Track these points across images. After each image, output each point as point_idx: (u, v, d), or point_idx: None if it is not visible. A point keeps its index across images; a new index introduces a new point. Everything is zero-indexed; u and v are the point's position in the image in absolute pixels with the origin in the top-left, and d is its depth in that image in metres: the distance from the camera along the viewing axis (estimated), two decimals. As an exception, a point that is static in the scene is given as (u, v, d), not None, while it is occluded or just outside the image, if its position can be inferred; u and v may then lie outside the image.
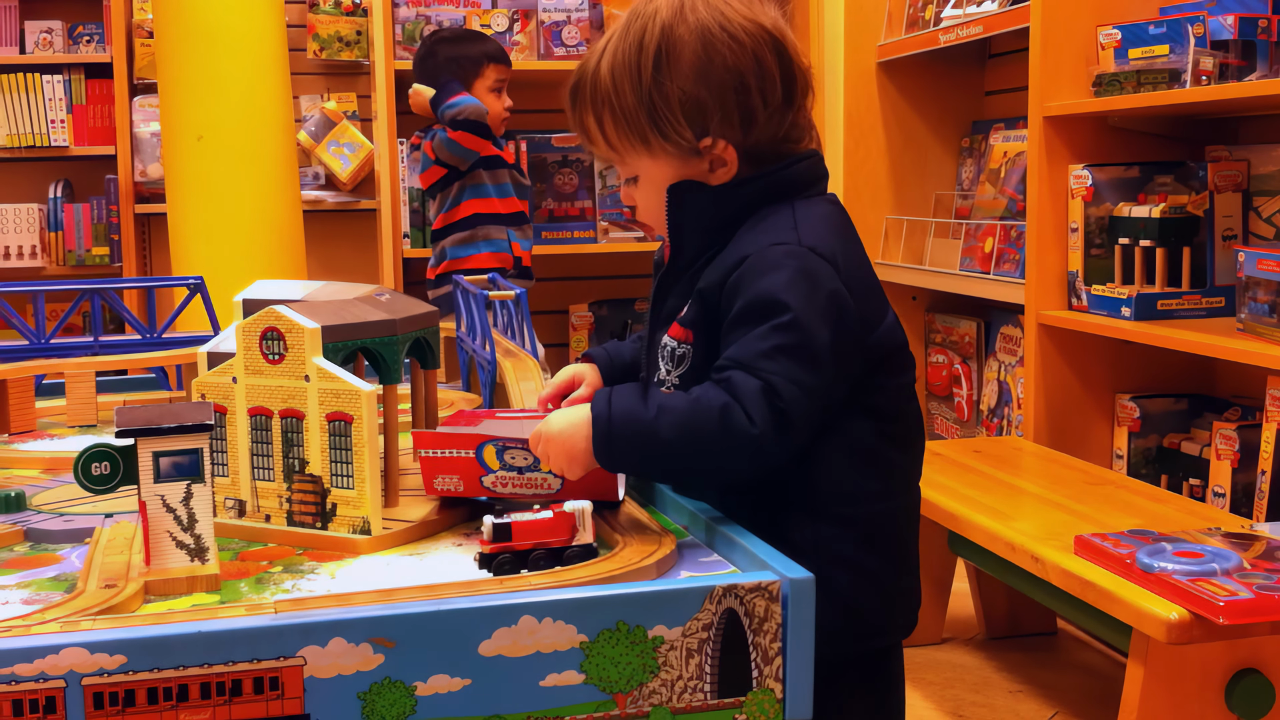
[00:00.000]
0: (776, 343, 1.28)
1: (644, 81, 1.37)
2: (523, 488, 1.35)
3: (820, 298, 1.30)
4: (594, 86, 1.41)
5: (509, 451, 1.34)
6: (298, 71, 4.41)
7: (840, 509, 1.37)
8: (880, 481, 1.39)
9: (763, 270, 1.31)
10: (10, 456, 1.70)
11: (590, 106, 1.42)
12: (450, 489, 1.36)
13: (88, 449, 1.20)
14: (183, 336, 2.23)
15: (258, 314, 1.31)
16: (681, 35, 1.37)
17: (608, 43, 1.42)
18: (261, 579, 1.20)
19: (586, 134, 1.45)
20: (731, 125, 1.37)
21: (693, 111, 1.37)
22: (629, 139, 1.40)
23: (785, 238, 1.33)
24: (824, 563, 1.30)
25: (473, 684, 1.02)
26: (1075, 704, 2.65)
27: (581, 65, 1.44)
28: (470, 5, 4.13)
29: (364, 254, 4.78)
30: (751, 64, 1.37)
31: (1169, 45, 2.66)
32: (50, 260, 4.87)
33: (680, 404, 1.27)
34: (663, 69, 1.36)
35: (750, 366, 1.27)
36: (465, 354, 2.05)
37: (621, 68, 1.38)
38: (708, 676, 1.08)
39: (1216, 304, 2.72)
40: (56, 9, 4.85)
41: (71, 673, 0.95)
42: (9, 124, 4.76)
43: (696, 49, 1.36)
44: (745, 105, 1.37)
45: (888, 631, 1.44)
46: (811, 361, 1.28)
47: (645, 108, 1.37)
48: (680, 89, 1.36)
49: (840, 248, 1.36)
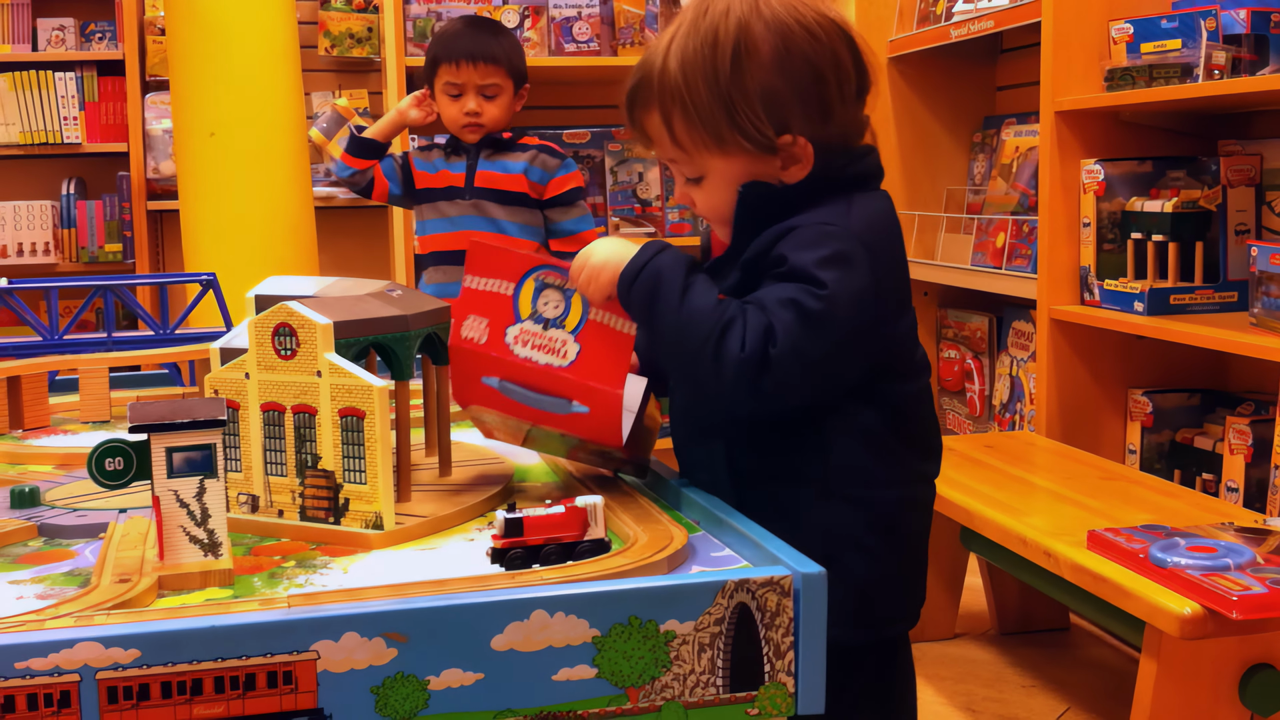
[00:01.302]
0: (797, 298, 1.30)
1: (721, 78, 1.35)
2: (541, 350, 1.38)
3: (852, 283, 1.31)
4: (661, 84, 1.38)
5: (547, 291, 1.38)
6: (309, 68, 4.41)
7: (851, 490, 1.38)
8: (891, 470, 1.41)
9: (807, 243, 1.33)
10: (24, 452, 1.71)
11: (657, 105, 1.39)
12: (474, 337, 1.39)
13: (101, 444, 1.20)
14: (195, 332, 2.24)
15: (270, 310, 1.31)
16: (758, 31, 1.35)
17: (672, 40, 1.38)
18: (274, 574, 1.20)
19: (647, 134, 1.42)
20: (811, 120, 1.37)
21: (773, 107, 1.35)
22: (701, 137, 1.37)
23: (836, 220, 1.35)
24: (834, 545, 1.34)
25: (485, 678, 1.03)
26: (1088, 699, 2.65)
27: (643, 64, 1.41)
28: (481, 1, 4.13)
29: (376, 250, 4.79)
30: (829, 58, 1.36)
31: (1181, 40, 2.65)
32: (63, 257, 4.88)
33: (704, 299, 1.31)
34: (742, 64, 1.35)
35: (766, 307, 1.30)
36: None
37: (694, 64, 1.36)
38: (720, 671, 1.08)
39: (1229, 299, 2.72)
40: (69, 6, 4.85)
41: (85, 667, 0.96)
42: (22, 121, 4.77)
43: (776, 44, 1.35)
44: (824, 99, 1.37)
45: (898, 619, 1.45)
46: (820, 334, 1.29)
47: (723, 104, 1.35)
48: (761, 84, 1.35)
49: (884, 244, 1.37)
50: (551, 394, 1.38)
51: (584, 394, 1.37)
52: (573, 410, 1.38)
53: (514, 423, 1.42)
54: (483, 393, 1.40)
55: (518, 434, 1.46)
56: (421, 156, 3.05)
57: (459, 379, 1.42)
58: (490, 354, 1.40)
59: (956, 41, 3.48)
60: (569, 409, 1.38)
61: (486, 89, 2.92)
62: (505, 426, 1.45)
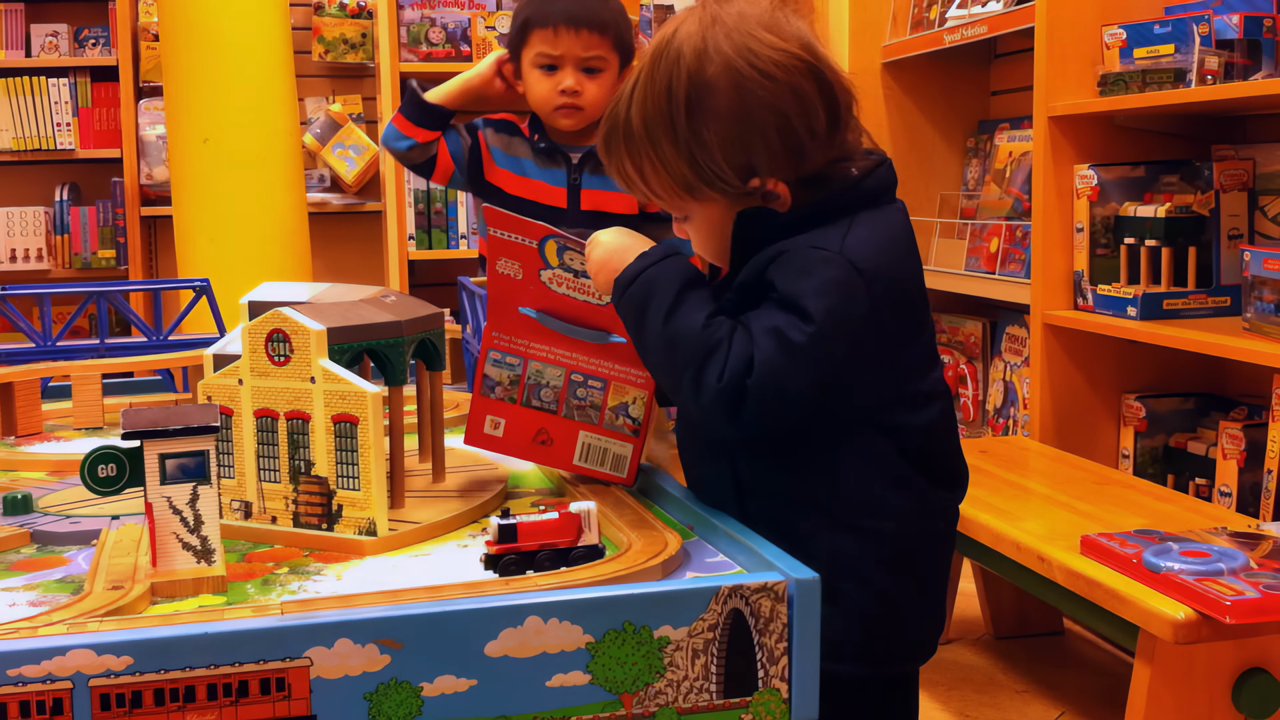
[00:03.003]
0: (781, 328, 1.25)
1: (679, 133, 1.30)
2: (576, 291, 1.43)
3: (844, 311, 1.26)
4: (627, 137, 1.34)
5: (569, 253, 1.42)
6: (303, 74, 4.41)
7: (861, 521, 1.33)
8: (905, 500, 1.35)
9: (795, 270, 1.28)
10: (17, 459, 1.70)
11: (628, 157, 1.36)
12: (510, 274, 1.43)
13: (94, 451, 1.20)
14: (189, 339, 2.24)
15: (264, 316, 1.31)
16: (711, 78, 1.29)
17: (634, 87, 1.34)
18: (268, 580, 1.20)
19: (627, 180, 1.39)
20: (779, 163, 1.31)
21: (735, 156, 1.30)
22: (672, 188, 1.34)
23: (828, 244, 1.29)
24: (838, 576, 1.30)
25: (479, 685, 1.03)
26: (1082, 704, 2.65)
27: (611, 114, 1.37)
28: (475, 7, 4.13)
29: (370, 256, 4.79)
30: (790, 99, 1.29)
31: (1174, 45, 2.66)
32: (56, 263, 4.88)
33: (691, 319, 1.29)
34: (697, 117, 1.29)
35: (752, 335, 1.27)
36: (471, 355, 2.05)
37: (654, 119, 1.32)
38: (714, 677, 1.08)
39: (1222, 303, 2.72)
40: (62, 12, 4.85)
41: (78, 674, 0.95)
42: (15, 127, 4.77)
43: (729, 92, 1.29)
44: (790, 142, 1.30)
45: (900, 657, 1.40)
46: (803, 366, 1.25)
47: (685, 158, 1.31)
48: (718, 135, 1.29)
49: (885, 261, 1.31)
50: (590, 325, 1.44)
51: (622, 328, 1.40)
52: (611, 340, 1.44)
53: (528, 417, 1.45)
54: (519, 323, 1.44)
55: (526, 436, 1.46)
56: (500, 144, 2.36)
57: (496, 310, 1.45)
58: (528, 286, 1.44)
59: (950, 46, 3.49)
60: (607, 339, 1.44)
61: (589, 62, 2.26)
62: (516, 428, 1.46)
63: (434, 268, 4.31)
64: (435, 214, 4.02)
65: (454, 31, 4.02)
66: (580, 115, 2.27)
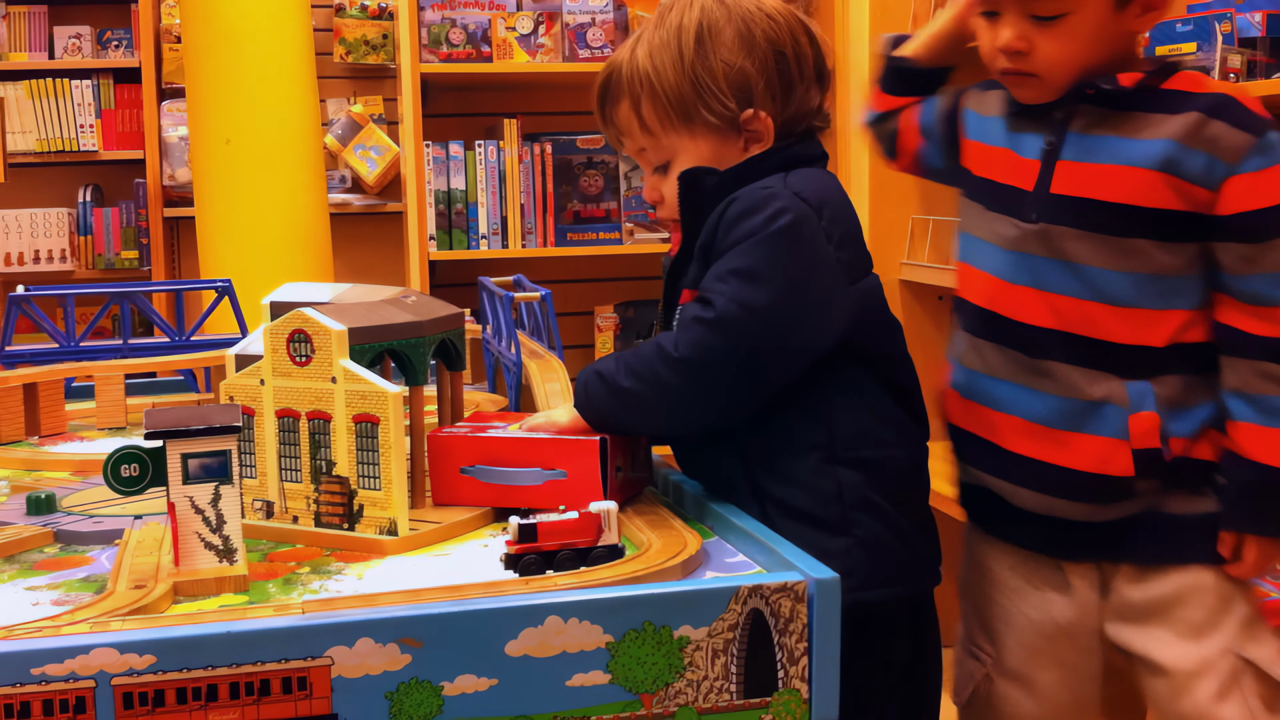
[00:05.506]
0: (733, 265, 1.35)
1: (686, 58, 1.44)
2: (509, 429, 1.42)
3: (794, 233, 1.36)
4: (630, 74, 1.47)
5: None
6: (324, 75, 4.43)
7: (857, 452, 1.40)
8: (893, 433, 1.44)
9: (746, 209, 1.37)
10: (41, 459, 1.71)
11: (626, 94, 1.48)
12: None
13: (117, 451, 1.20)
14: (211, 339, 2.24)
15: (285, 316, 1.32)
16: (721, 16, 1.45)
17: (639, 38, 1.48)
18: (289, 580, 1.21)
19: (618, 126, 1.51)
20: (773, 97, 1.45)
21: (737, 82, 1.44)
22: (668, 119, 1.46)
23: (771, 184, 1.40)
24: (849, 507, 1.37)
25: (499, 684, 1.03)
26: (1104, 705, 2.63)
27: (611, 62, 1.51)
28: (495, 8, 4.14)
29: (391, 257, 4.80)
30: (789, 39, 1.46)
31: (1196, 43, 2.65)
32: (80, 264, 4.90)
33: (638, 351, 1.36)
34: (705, 46, 1.44)
35: (705, 288, 1.36)
36: (491, 356, 2.05)
37: (660, 51, 1.45)
38: (734, 677, 1.08)
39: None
40: (85, 15, 4.88)
41: (101, 673, 0.96)
42: (39, 129, 4.80)
43: (738, 26, 1.45)
44: (785, 76, 1.46)
45: (920, 578, 1.47)
46: (763, 284, 1.33)
47: (690, 82, 1.44)
48: (724, 61, 1.44)
49: (826, 197, 1.41)
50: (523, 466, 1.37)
51: (560, 454, 1.36)
52: (548, 479, 1.36)
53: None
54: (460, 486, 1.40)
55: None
56: (976, 106, 1.68)
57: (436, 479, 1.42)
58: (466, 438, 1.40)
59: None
60: (542, 479, 1.37)
61: (1040, 7, 1.45)
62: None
63: (454, 268, 4.31)
64: (456, 214, 4.02)
65: (474, 33, 4.02)
66: (1030, 85, 1.52)
